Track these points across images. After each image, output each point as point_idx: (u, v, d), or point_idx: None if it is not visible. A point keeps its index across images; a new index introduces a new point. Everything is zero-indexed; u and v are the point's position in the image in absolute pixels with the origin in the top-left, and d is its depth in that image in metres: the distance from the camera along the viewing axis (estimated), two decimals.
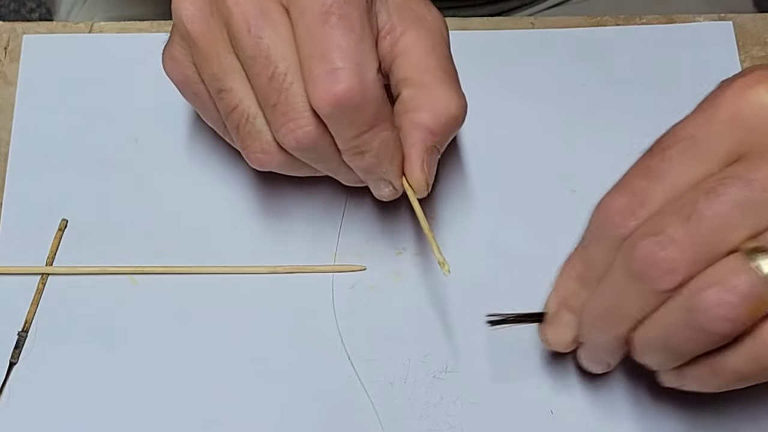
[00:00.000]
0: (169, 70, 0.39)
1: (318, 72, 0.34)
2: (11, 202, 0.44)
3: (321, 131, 0.36)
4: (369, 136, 0.36)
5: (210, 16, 0.36)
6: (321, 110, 0.34)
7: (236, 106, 0.37)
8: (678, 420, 0.40)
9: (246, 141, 0.37)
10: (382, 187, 0.39)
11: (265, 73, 0.35)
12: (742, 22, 0.49)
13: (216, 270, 0.43)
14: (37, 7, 1.33)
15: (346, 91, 0.34)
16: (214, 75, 0.36)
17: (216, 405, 0.40)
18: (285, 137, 0.36)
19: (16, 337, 0.41)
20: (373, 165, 0.37)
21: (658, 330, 0.33)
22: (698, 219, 0.31)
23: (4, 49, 0.47)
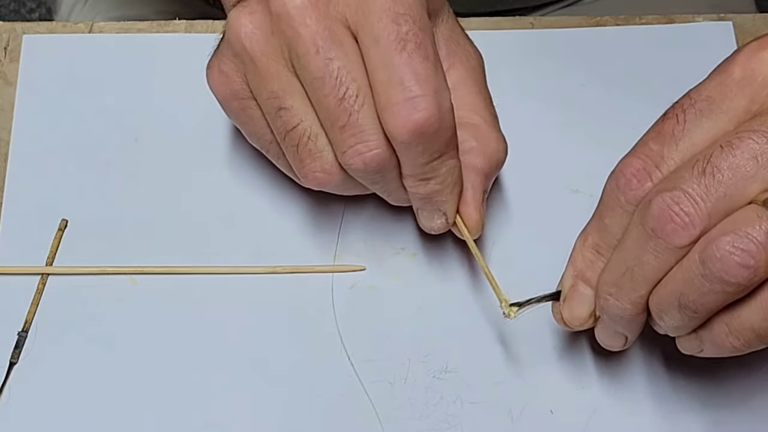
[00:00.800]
0: (216, 85, 0.39)
1: (396, 99, 0.34)
2: (11, 202, 0.44)
3: (388, 155, 0.36)
4: (438, 163, 0.36)
5: (271, 36, 0.36)
6: (398, 137, 0.35)
7: (297, 125, 0.36)
8: (678, 420, 0.40)
9: (306, 160, 0.37)
10: (435, 219, 0.39)
11: (335, 95, 0.35)
12: (742, 23, 0.49)
13: (216, 270, 0.43)
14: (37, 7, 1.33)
15: (425, 119, 0.34)
16: (274, 93, 0.36)
17: (216, 405, 0.40)
18: (352, 159, 0.36)
19: (16, 337, 0.41)
20: (436, 192, 0.37)
21: (674, 286, 0.32)
22: (713, 172, 0.31)
23: (4, 49, 0.47)
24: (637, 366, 0.41)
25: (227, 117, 0.40)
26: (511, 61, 0.48)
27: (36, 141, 0.45)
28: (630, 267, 0.34)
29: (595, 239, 0.36)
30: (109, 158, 0.45)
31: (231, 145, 0.45)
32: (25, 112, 0.46)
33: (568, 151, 0.46)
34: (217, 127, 0.46)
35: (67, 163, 0.45)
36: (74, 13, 0.65)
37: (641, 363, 0.41)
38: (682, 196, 0.31)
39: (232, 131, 0.46)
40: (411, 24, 0.34)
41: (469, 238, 0.39)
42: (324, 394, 0.41)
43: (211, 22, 0.48)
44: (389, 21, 0.34)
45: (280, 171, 0.44)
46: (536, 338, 0.42)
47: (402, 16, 0.34)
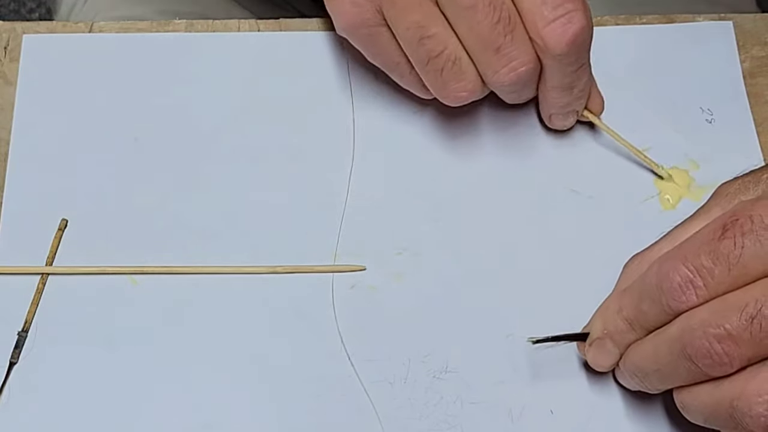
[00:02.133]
0: (347, 14, 0.41)
1: (552, 15, 0.38)
2: (11, 202, 0.44)
3: (538, 66, 0.40)
4: (582, 71, 0.41)
5: None
6: (557, 50, 0.39)
7: (442, 51, 0.39)
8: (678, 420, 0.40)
9: (450, 82, 0.40)
10: (570, 117, 0.44)
11: (489, 20, 0.38)
12: (742, 22, 0.49)
13: (216, 270, 0.43)
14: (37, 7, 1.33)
15: (580, 30, 0.38)
16: (417, 22, 0.39)
17: (216, 405, 0.40)
18: (506, 76, 0.39)
19: (16, 337, 0.41)
20: (577, 99, 0.42)
21: (700, 405, 0.34)
22: (761, 323, 0.32)
23: (4, 49, 0.47)
24: None
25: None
26: None
27: (36, 141, 0.45)
28: (661, 369, 0.35)
29: (630, 315, 0.36)
30: (109, 158, 0.45)
31: (231, 145, 0.45)
32: (25, 112, 0.46)
33: (568, 151, 0.46)
34: (217, 127, 0.46)
35: (67, 163, 0.45)
36: (74, 12, 0.65)
37: None
38: (727, 339, 0.32)
39: (232, 131, 0.46)
40: None
41: (598, 120, 0.44)
42: (324, 394, 0.41)
43: (211, 22, 0.48)
44: None
45: (281, 171, 0.45)
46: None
47: None
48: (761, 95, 0.47)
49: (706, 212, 0.37)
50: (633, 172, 0.45)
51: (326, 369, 0.41)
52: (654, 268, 0.35)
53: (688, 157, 0.45)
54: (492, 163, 0.45)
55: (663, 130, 0.46)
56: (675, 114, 0.47)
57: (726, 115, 0.46)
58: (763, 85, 0.47)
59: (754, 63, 0.48)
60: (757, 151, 0.45)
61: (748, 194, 0.37)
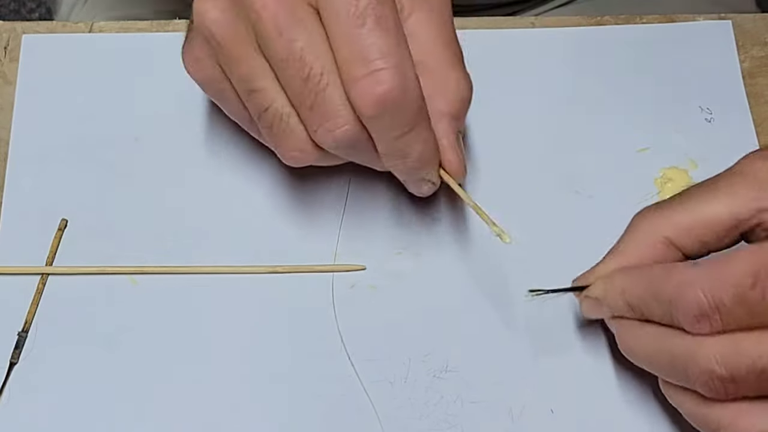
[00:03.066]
0: (192, 70, 0.39)
1: (359, 74, 0.34)
2: (11, 202, 0.44)
3: (359, 128, 0.36)
4: (410, 137, 0.36)
5: (236, 19, 0.36)
6: (364, 112, 0.35)
7: (269, 107, 0.37)
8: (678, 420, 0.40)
9: (281, 140, 0.37)
10: (422, 186, 0.39)
11: (300, 75, 0.35)
12: (742, 22, 0.49)
13: (216, 270, 0.43)
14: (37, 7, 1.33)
15: (388, 91, 0.34)
16: (243, 77, 0.37)
17: (216, 405, 0.40)
18: (323, 137, 0.36)
19: (16, 337, 0.41)
20: (416, 168, 0.37)
21: (687, 409, 0.35)
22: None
23: (4, 48, 0.47)
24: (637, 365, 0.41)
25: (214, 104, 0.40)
26: (511, 60, 0.48)
27: (36, 141, 0.45)
28: (654, 364, 0.35)
29: (633, 303, 0.36)
30: (109, 158, 0.45)
31: (231, 145, 0.45)
32: (25, 112, 0.46)
33: (568, 151, 0.46)
34: (217, 127, 0.46)
35: (67, 163, 0.45)
36: (74, 13, 0.65)
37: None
38: (729, 381, 0.32)
39: (231, 131, 0.45)
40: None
41: (454, 183, 0.39)
42: (324, 394, 0.41)
43: None
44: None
45: (280, 171, 0.45)
46: (536, 338, 0.42)
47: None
48: (761, 95, 0.47)
49: (730, 187, 0.36)
50: (633, 172, 0.45)
51: (326, 369, 0.41)
52: (673, 283, 0.34)
53: (687, 156, 0.45)
54: (492, 162, 0.45)
55: (662, 129, 0.46)
56: (674, 113, 0.47)
57: (725, 115, 0.46)
58: (763, 85, 0.47)
59: (754, 63, 0.48)
60: None
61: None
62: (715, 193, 0.36)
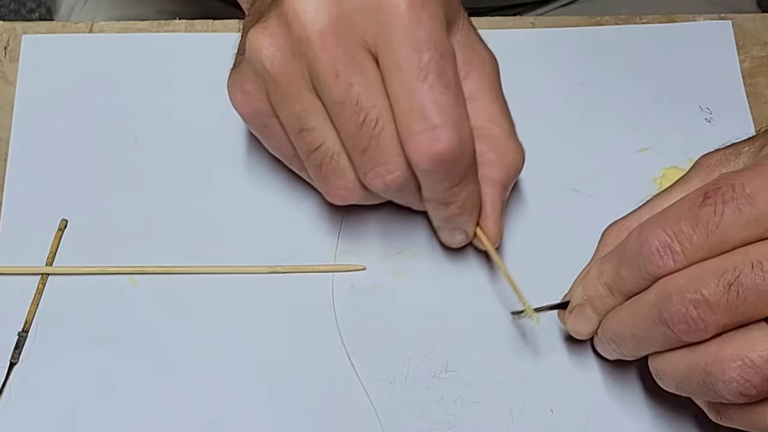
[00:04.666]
0: (239, 103, 0.39)
1: (418, 129, 0.35)
2: (11, 202, 0.44)
3: (408, 176, 0.37)
4: (458, 189, 0.37)
5: (292, 58, 0.36)
6: (419, 166, 0.35)
7: (320, 146, 0.37)
8: (677, 420, 0.40)
9: (329, 178, 0.38)
10: (456, 235, 0.40)
11: (355, 120, 0.35)
12: (742, 22, 0.49)
13: (216, 270, 0.43)
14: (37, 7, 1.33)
15: (445, 149, 0.35)
16: (296, 114, 0.37)
17: (216, 405, 0.40)
18: (373, 180, 0.37)
19: (16, 337, 0.41)
20: (456, 216, 0.39)
21: (673, 370, 0.34)
22: (738, 290, 0.31)
23: (4, 49, 0.47)
24: (637, 365, 0.41)
25: (244, 128, 0.41)
26: (512, 60, 0.47)
27: (36, 141, 0.45)
28: (637, 334, 0.35)
29: (609, 280, 0.36)
30: (109, 158, 0.45)
31: (231, 145, 0.45)
32: (25, 112, 0.46)
33: (568, 151, 0.46)
34: (216, 127, 0.46)
35: (67, 163, 0.45)
36: (74, 13, 0.65)
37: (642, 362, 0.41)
38: (703, 304, 0.32)
39: (231, 131, 0.46)
40: (432, 51, 0.35)
41: (491, 248, 0.40)
42: (324, 394, 0.41)
43: (211, 22, 0.48)
44: (411, 49, 0.34)
45: (280, 171, 0.45)
46: (536, 338, 0.42)
47: (424, 42, 0.34)
48: (761, 95, 0.47)
49: (686, 182, 0.37)
50: (633, 172, 0.45)
51: (326, 369, 0.41)
52: (634, 234, 0.34)
53: (687, 156, 0.45)
54: None
55: (662, 129, 0.46)
56: (674, 113, 0.47)
57: (725, 115, 0.46)
58: (763, 85, 0.47)
59: (754, 63, 0.48)
60: None
61: (729, 166, 0.37)
62: (673, 188, 0.38)
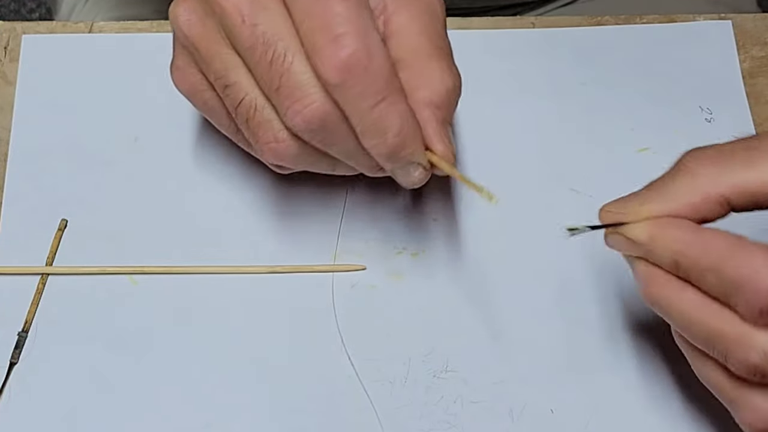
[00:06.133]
0: (177, 81, 0.39)
1: (321, 42, 0.33)
2: (11, 202, 0.44)
3: (329, 107, 0.35)
4: (384, 108, 0.34)
5: (206, 17, 0.36)
6: (330, 79, 0.34)
7: (242, 99, 0.36)
8: (678, 420, 0.40)
9: (257, 132, 0.37)
10: (412, 172, 0.37)
11: (265, 59, 0.34)
12: (742, 22, 0.49)
13: (216, 270, 0.43)
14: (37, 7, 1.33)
15: (351, 53, 0.33)
16: (217, 72, 0.36)
17: (216, 405, 0.40)
18: (293, 119, 0.35)
19: (16, 337, 0.41)
20: (398, 145, 0.35)
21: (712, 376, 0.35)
22: None
23: (4, 49, 0.47)
24: (637, 366, 0.41)
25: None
26: (512, 60, 0.48)
27: (36, 141, 0.45)
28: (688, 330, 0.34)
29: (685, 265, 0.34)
30: (109, 158, 0.45)
31: (231, 145, 0.45)
32: (25, 112, 0.46)
33: (568, 151, 0.46)
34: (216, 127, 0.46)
35: (67, 163, 0.45)
36: (74, 13, 0.65)
37: (642, 363, 0.41)
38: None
39: None
40: None
41: (448, 168, 0.37)
42: (324, 394, 0.41)
43: None
44: None
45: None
46: (536, 338, 0.42)
47: None
48: (761, 95, 0.47)
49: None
50: (633, 172, 0.45)
51: (326, 369, 0.41)
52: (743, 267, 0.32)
53: None
54: (492, 162, 0.45)
55: (662, 129, 0.46)
56: (674, 113, 0.47)
57: (725, 115, 0.46)
58: (763, 85, 0.47)
59: (754, 63, 0.48)
60: None
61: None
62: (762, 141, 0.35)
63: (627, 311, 0.42)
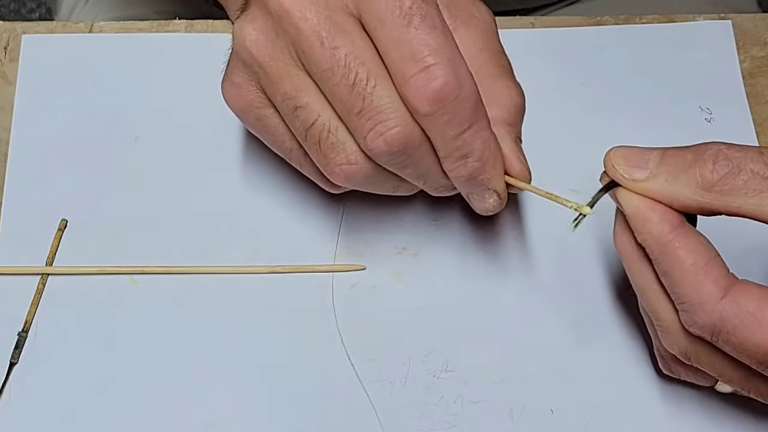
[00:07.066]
0: (230, 97, 0.39)
1: (412, 72, 0.34)
2: (11, 202, 0.44)
3: (411, 130, 0.35)
4: (470, 135, 0.35)
5: (275, 38, 0.36)
6: (420, 109, 0.34)
7: (315, 120, 0.36)
8: (678, 420, 0.40)
9: (329, 155, 0.36)
10: (488, 198, 0.37)
11: (346, 82, 0.34)
12: (742, 22, 0.49)
13: (216, 270, 0.43)
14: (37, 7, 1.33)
15: (443, 85, 0.33)
16: (287, 94, 0.36)
17: (216, 405, 0.40)
18: (374, 142, 0.35)
19: (16, 337, 0.41)
20: (477, 170, 0.36)
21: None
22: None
23: (4, 49, 0.47)
24: (637, 366, 0.41)
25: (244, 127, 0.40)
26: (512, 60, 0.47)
27: (36, 141, 0.45)
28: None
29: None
30: (109, 158, 0.45)
31: (231, 145, 0.45)
32: (25, 112, 0.46)
33: (568, 151, 0.46)
34: (217, 127, 0.46)
35: (67, 163, 0.45)
36: (74, 13, 0.65)
37: (642, 363, 0.41)
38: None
39: (231, 131, 0.46)
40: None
41: (527, 186, 0.38)
42: (324, 394, 0.41)
43: (211, 22, 0.48)
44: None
45: (280, 171, 0.44)
46: (536, 338, 0.42)
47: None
48: (761, 95, 0.47)
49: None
50: None
51: (326, 369, 0.41)
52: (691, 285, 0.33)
53: None
54: None
55: (662, 129, 0.46)
56: (674, 113, 0.47)
57: (725, 115, 0.46)
58: (763, 85, 0.47)
59: (754, 63, 0.48)
60: None
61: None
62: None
63: (627, 312, 0.42)
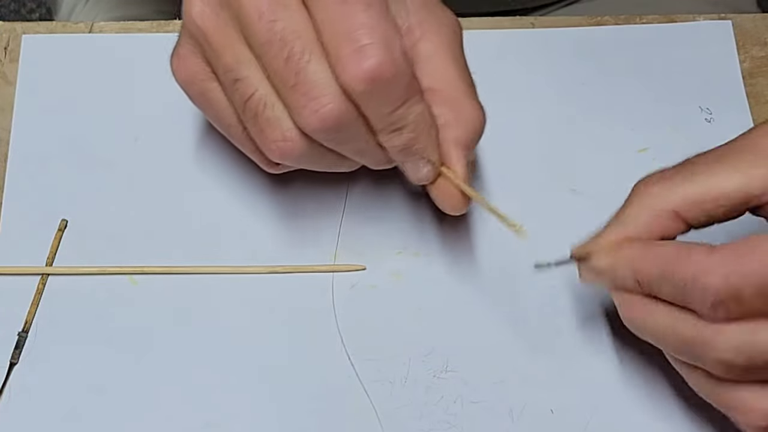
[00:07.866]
0: (176, 68, 0.39)
1: (345, 51, 0.33)
2: (11, 202, 0.44)
3: (345, 108, 0.34)
4: (404, 110, 0.35)
5: (220, 10, 0.36)
6: (354, 89, 0.34)
7: (252, 94, 0.36)
8: (678, 419, 0.40)
9: (266, 130, 0.36)
10: (421, 167, 0.37)
11: (281, 55, 0.34)
12: (742, 22, 0.49)
13: (216, 270, 0.43)
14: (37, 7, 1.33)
15: (377, 66, 0.33)
16: (228, 66, 0.36)
17: (216, 405, 0.40)
18: (308, 119, 0.34)
19: (16, 337, 0.41)
20: (411, 140, 0.36)
21: (699, 382, 0.35)
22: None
23: (4, 49, 0.47)
24: (637, 366, 0.41)
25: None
26: (512, 60, 0.48)
27: (36, 141, 0.45)
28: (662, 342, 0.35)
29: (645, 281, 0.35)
30: (109, 158, 0.45)
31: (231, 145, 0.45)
32: (25, 112, 0.46)
33: (568, 151, 0.46)
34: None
35: (67, 163, 0.45)
36: (74, 13, 0.65)
37: (641, 363, 0.41)
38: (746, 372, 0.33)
39: None
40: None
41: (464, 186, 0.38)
42: (324, 394, 0.41)
43: None
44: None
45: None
46: (536, 338, 0.42)
47: None
48: (761, 95, 0.47)
49: (740, 162, 0.36)
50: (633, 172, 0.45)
51: (326, 369, 0.41)
52: (691, 269, 0.33)
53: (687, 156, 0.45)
54: (492, 162, 0.45)
55: (662, 129, 0.46)
56: (674, 113, 0.47)
57: (725, 115, 0.46)
58: (763, 85, 0.47)
59: (754, 63, 0.48)
60: None
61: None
62: (725, 166, 0.36)
63: None
